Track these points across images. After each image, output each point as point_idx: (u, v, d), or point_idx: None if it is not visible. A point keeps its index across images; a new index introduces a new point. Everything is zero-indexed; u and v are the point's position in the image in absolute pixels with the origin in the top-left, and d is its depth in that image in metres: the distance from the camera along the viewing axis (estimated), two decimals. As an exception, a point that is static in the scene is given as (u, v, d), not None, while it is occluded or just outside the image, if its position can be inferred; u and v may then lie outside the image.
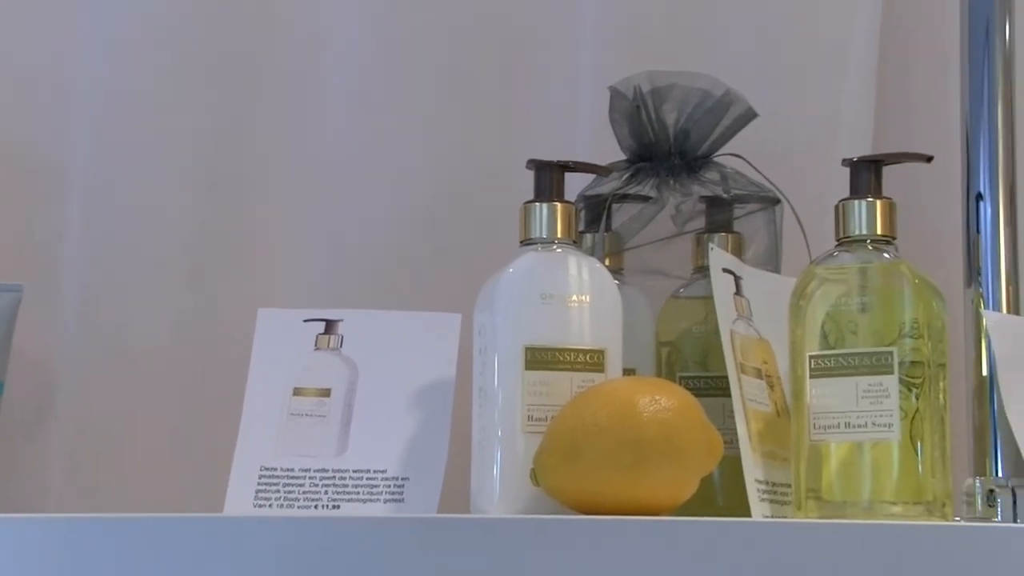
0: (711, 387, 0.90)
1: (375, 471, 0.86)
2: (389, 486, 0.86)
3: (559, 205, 0.84)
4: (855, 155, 0.85)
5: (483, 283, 0.84)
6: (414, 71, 1.08)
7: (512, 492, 0.80)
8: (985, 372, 0.90)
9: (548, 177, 0.85)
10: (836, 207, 0.84)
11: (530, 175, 0.86)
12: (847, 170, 0.84)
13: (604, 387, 0.80)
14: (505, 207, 0.89)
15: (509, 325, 0.82)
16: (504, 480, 0.81)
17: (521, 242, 0.85)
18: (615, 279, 0.86)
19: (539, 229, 0.84)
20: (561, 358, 0.81)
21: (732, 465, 0.83)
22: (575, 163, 0.86)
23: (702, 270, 0.93)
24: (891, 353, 0.79)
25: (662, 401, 0.77)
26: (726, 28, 1.08)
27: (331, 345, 0.90)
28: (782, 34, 1.07)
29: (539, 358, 0.81)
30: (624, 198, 0.95)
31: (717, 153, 0.96)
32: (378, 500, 0.85)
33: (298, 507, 0.85)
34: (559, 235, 0.84)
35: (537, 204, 0.85)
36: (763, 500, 0.82)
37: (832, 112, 1.06)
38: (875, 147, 1.05)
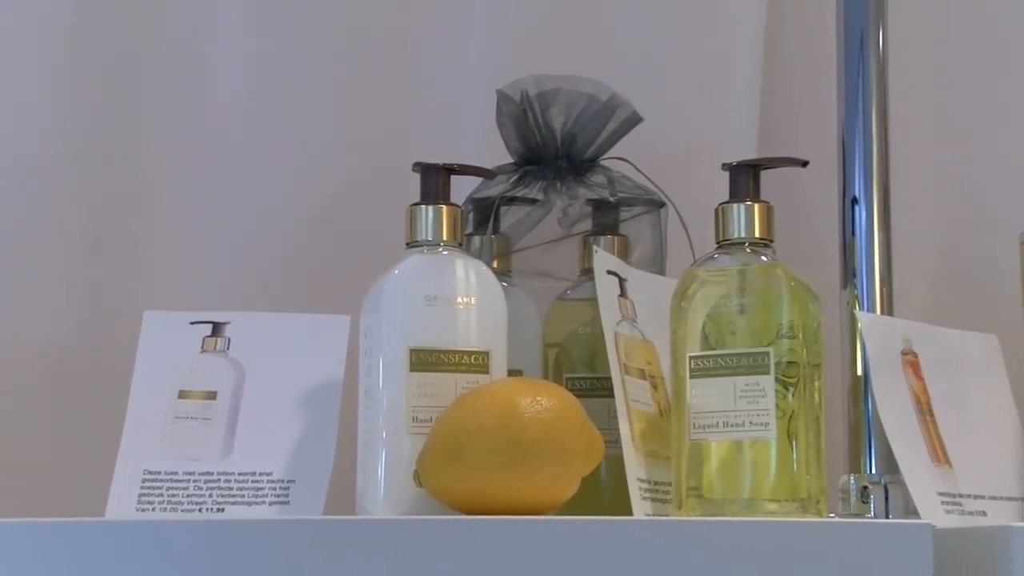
0: (598, 388, 0.91)
1: (260, 474, 0.86)
2: (275, 488, 0.85)
3: (445, 207, 0.85)
4: (737, 160, 0.86)
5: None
6: (304, 72, 1.08)
7: (397, 493, 0.81)
8: (860, 372, 0.92)
9: (434, 180, 0.85)
10: (716, 210, 0.85)
11: (422, 177, 0.86)
12: (728, 174, 0.86)
13: (486, 388, 0.80)
14: (396, 209, 0.89)
15: (394, 327, 0.82)
16: (389, 481, 0.81)
17: (407, 244, 0.85)
18: (503, 281, 0.87)
19: (425, 231, 0.85)
20: (446, 360, 0.82)
21: (618, 464, 0.84)
22: (460, 166, 0.87)
23: (589, 272, 0.93)
24: (767, 354, 0.81)
25: (543, 402, 0.78)
26: (613, 34, 1.09)
27: (218, 347, 0.90)
28: (668, 40, 1.09)
29: (424, 360, 0.81)
30: (512, 201, 0.96)
31: (603, 156, 0.97)
32: (263, 503, 0.85)
33: (182, 510, 0.84)
34: (445, 237, 0.85)
35: (423, 206, 0.85)
36: (645, 499, 0.83)
37: (717, 117, 1.08)
38: (760, 152, 1.07)
